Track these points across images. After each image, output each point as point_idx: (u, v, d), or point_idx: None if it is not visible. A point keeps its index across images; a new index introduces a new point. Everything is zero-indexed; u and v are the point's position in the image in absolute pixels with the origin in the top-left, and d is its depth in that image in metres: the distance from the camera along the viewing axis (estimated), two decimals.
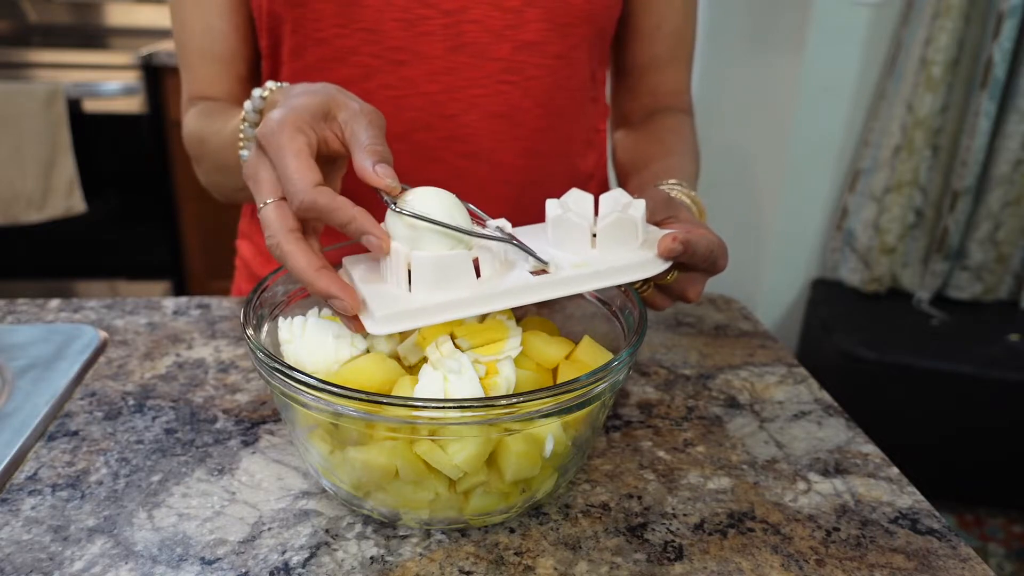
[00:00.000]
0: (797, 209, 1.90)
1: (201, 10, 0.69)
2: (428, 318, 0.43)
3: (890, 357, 1.62)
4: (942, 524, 0.48)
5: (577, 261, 0.47)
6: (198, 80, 0.71)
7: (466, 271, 0.44)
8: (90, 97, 1.92)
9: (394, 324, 0.42)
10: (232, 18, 0.70)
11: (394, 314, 0.42)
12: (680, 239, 0.47)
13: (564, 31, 0.67)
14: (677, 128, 0.75)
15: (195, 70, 0.71)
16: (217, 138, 0.64)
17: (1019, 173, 1.72)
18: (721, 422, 0.59)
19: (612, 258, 0.47)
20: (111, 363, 0.63)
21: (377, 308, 0.43)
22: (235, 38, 0.70)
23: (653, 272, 0.48)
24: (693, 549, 0.45)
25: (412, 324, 0.43)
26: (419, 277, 0.43)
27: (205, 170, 0.70)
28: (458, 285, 0.44)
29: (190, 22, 0.70)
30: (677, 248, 0.47)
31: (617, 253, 0.48)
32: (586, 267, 0.46)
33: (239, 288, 0.85)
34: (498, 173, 0.71)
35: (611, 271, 0.47)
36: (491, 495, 0.44)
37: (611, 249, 0.48)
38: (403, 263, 0.44)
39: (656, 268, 0.48)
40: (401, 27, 0.64)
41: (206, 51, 0.70)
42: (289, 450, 0.53)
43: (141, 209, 2.09)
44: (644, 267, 0.48)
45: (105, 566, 0.42)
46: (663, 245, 0.47)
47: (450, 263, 0.43)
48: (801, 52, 1.74)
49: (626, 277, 0.47)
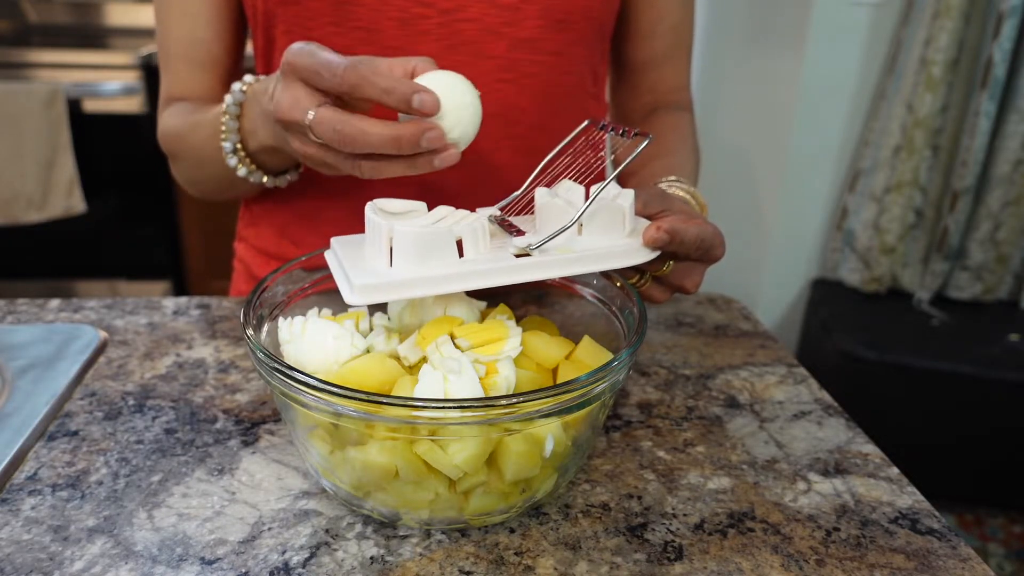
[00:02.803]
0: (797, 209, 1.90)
1: (186, 18, 0.69)
2: (405, 291, 0.43)
3: (890, 357, 1.62)
4: (942, 524, 0.48)
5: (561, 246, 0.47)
6: (178, 83, 0.72)
7: (448, 248, 0.44)
8: (90, 97, 1.92)
9: (371, 295, 0.43)
10: (216, 27, 0.70)
11: (372, 285, 0.43)
12: (665, 228, 0.47)
13: (561, 28, 0.67)
14: (677, 126, 0.75)
15: (176, 74, 0.72)
16: (196, 132, 0.65)
17: (1019, 173, 1.72)
18: (721, 422, 0.59)
19: (596, 245, 0.47)
20: (111, 363, 0.63)
21: (356, 278, 0.43)
22: (218, 47, 0.71)
23: (636, 260, 0.48)
24: (693, 549, 0.45)
25: (389, 296, 0.43)
26: (400, 251, 0.44)
27: (184, 167, 0.71)
28: (439, 262, 0.44)
29: (174, 29, 0.70)
30: (662, 237, 0.47)
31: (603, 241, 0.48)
32: (569, 252, 0.46)
33: (237, 289, 0.85)
34: (496, 173, 0.71)
35: (594, 257, 0.47)
36: (491, 495, 0.44)
37: (597, 236, 0.48)
38: (385, 237, 0.44)
39: (640, 257, 0.48)
40: (397, 26, 0.64)
41: (189, 58, 0.71)
42: (289, 450, 0.53)
43: (141, 209, 2.09)
44: (628, 255, 0.48)
45: (105, 566, 0.42)
46: (648, 234, 0.47)
47: (432, 239, 0.44)
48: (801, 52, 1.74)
49: (609, 264, 0.47)
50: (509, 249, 0.46)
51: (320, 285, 0.53)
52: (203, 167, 0.68)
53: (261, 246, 0.80)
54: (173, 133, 0.70)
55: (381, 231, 0.44)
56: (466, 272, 0.44)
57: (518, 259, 0.45)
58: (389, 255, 0.44)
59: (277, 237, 0.77)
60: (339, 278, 0.46)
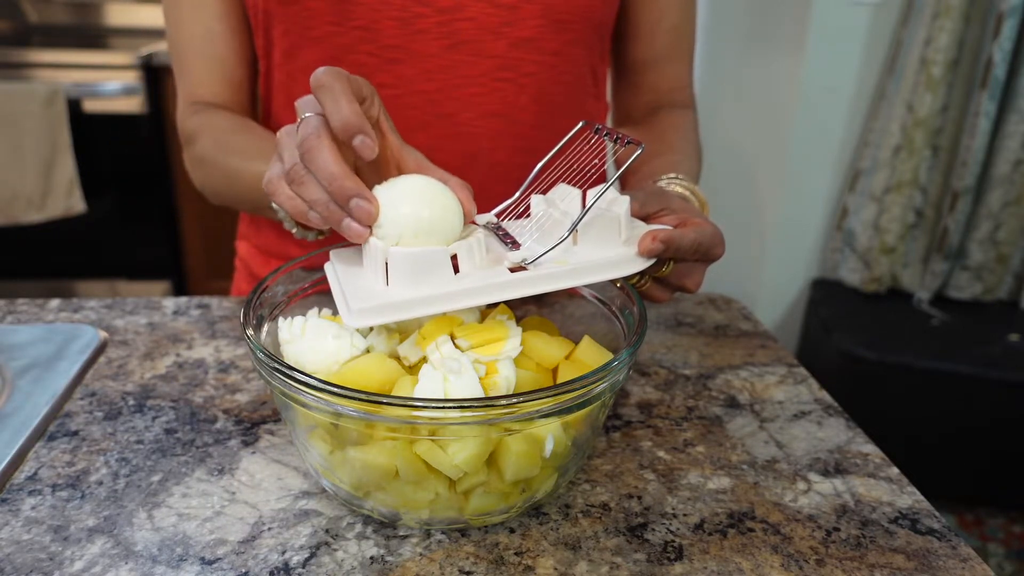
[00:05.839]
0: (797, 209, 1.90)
1: (199, 13, 0.69)
2: (402, 313, 0.44)
3: (890, 357, 1.62)
4: (942, 524, 0.48)
5: (557, 258, 0.47)
6: (197, 83, 0.71)
7: (443, 267, 0.45)
8: (90, 97, 1.92)
9: (369, 318, 0.43)
10: (229, 21, 0.70)
11: (369, 308, 0.43)
12: (660, 238, 0.47)
13: (560, 27, 0.67)
14: (679, 124, 0.75)
15: (193, 73, 0.71)
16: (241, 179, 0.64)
17: (1019, 173, 1.72)
18: (721, 422, 0.59)
19: (592, 256, 0.47)
20: (111, 363, 0.63)
21: (354, 301, 0.43)
22: (235, 40, 0.70)
23: (632, 271, 0.48)
24: (693, 549, 0.45)
25: (387, 319, 0.44)
26: (396, 272, 0.44)
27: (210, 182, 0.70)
28: (435, 280, 0.44)
29: (188, 25, 0.69)
30: (657, 247, 0.47)
31: (598, 250, 0.48)
32: (565, 264, 0.46)
33: (239, 288, 0.85)
34: (495, 172, 0.71)
35: (589, 269, 0.47)
36: (491, 495, 0.44)
37: (593, 246, 0.48)
38: (380, 258, 0.44)
39: (636, 266, 0.48)
40: (397, 25, 0.64)
41: (205, 53, 0.70)
42: (289, 450, 0.53)
43: (141, 209, 2.09)
44: (624, 265, 0.48)
45: (105, 566, 0.42)
46: (643, 245, 0.47)
47: (427, 259, 0.44)
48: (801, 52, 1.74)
49: (604, 275, 0.48)
50: (504, 263, 0.46)
51: (320, 285, 0.53)
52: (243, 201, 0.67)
53: (263, 245, 0.80)
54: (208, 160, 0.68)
55: (377, 252, 0.44)
56: (462, 290, 0.45)
57: (514, 274, 0.46)
58: (385, 274, 0.44)
59: (278, 236, 0.77)
60: (338, 297, 0.46)
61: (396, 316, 0.44)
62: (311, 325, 0.47)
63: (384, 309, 0.44)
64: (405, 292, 0.44)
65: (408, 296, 0.44)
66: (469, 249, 0.46)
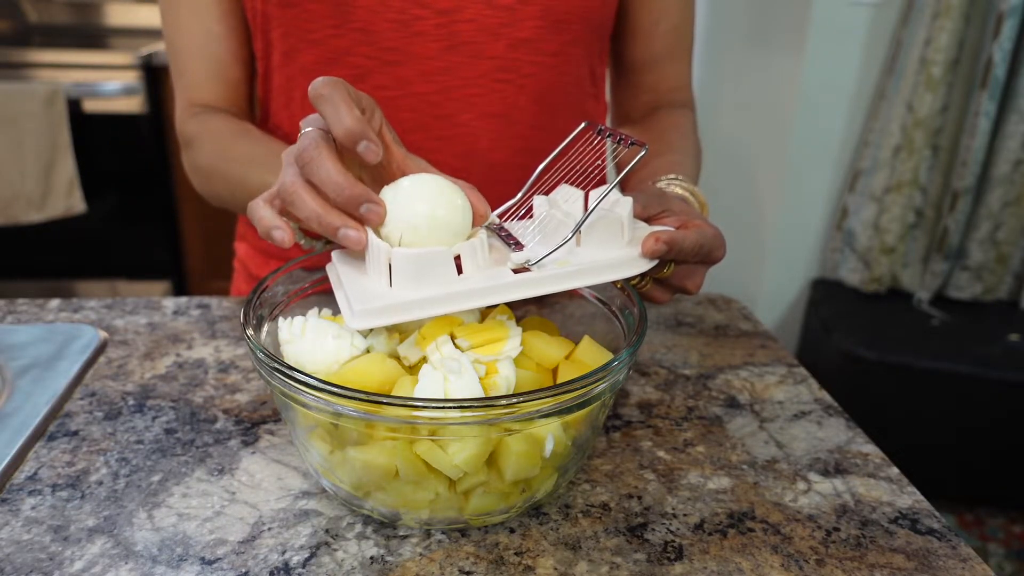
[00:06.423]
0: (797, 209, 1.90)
1: (197, 15, 0.69)
2: (406, 314, 0.44)
3: (890, 357, 1.62)
4: (942, 524, 0.48)
5: (560, 259, 0.47)
6: (195, 85, 0.71)
7: (446, 268, 0.44)
8: (90, 97, 1.92)
9: (372, 319, 0.43)
10: (228, 22, 0.70)
11: (372, 309, 0.43)
12: (664, 239, 0.47)
13: (559, 28, 0.67)
14: (678, 125, 0.75)
15: (192, 75, 0.71)
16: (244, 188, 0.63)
17: (1019, 173, 1.72)
18: (721, 422, 0.59)
19: (595, 257, 0.47)
20: (111, 363, 0.63)
21: (357, 303, 0.43)
22: (233, 42, 0.70)
23: (635, 271, 0.48)
24: (693, 549, 0.45)
25: (390, 320, 0.44)
26: (399, 273, 0.44)
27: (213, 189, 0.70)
28: (438, 281, 0.44)
29: (186, 27, 0.69)
30: (660, 248, 0.47)
31: (601, 251, 0.48)
32: (568, 265, 0.46)
33: (238, 289, 0.85)
34: (495, 173, 0.71)
35: (592, 270, 0.47)
36: (491, 495, 0.44)
37: (596, 247, 0.48)
38: (384, 259, 0.44)
39: (639, 267, 0.48)
40: (395, 27, 0.64)
41: (204, 55, 0.70)
42: (289, 450, 0.53)
43: (141, 209, 2.09)
44: (627, 266, 0.48)
45: (105, 566, 0.42)
46: (646, 246, 0.47)
47: (429, 260, 0.44)
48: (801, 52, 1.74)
49: (607, 276, 0.48)
50: (507, 264, 0.46)
51: (320, 285, 0.53)
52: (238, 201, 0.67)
53: (262, 246, 0.80)
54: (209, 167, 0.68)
55: (380, 252, 0.44)
56: (466, 291, 0.44)
57: (517, 275, 0.45)
58: (388, 275, 0.44)
59: None
60: (340, 298, 0.46)
61: (400, 317, 0.44)
62: (311, 325, 0.47)
63: (388, 310, 0.44)
64: (408, 293, 0.44)
65: (411, 297, 0.44)
66: (472, 250, 0.46)
